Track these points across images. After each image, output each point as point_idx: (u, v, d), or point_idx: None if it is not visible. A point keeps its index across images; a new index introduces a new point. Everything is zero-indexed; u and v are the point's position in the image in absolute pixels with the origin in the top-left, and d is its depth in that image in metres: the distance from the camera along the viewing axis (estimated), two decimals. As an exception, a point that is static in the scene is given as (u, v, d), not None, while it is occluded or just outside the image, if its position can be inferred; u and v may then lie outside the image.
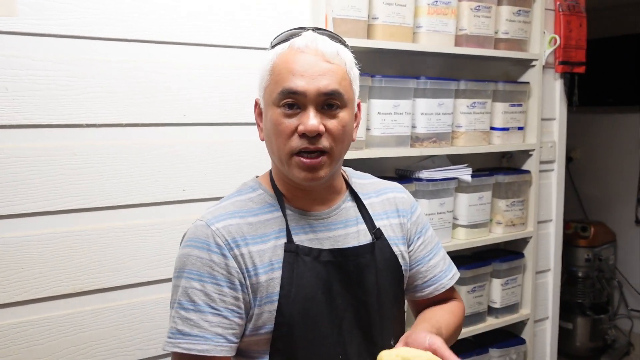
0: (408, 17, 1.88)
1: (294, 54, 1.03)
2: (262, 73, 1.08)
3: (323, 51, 1.03)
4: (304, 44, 1.03)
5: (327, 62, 1.03)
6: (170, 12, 1.52)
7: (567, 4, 2.36)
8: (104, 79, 1.45)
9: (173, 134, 1.56)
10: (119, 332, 1.51)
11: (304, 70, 1.01)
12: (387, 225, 1.19)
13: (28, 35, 1.35)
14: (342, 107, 1.04)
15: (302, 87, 1.00)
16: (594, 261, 3.59)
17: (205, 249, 1.02)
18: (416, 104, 1.95)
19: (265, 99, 1.07)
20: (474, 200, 2.12)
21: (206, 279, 1.01)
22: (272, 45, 1.09)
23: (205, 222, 1.05)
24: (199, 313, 1.00)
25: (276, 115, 1.03)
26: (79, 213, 1.45)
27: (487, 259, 2.21)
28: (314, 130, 1.00)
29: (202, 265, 1.01)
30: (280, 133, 1.03)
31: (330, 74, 1.02)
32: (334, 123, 1.03)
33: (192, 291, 1.01)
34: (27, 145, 1.37)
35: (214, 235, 1.03)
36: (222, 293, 1.01)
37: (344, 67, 1.06)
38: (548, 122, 2.45)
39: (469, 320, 2.16)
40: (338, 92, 1.02)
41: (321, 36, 1.06)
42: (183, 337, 0.99)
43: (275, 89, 1.03)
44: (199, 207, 1.58)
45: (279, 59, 1.04)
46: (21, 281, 1.38)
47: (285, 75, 1.02)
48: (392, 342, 1.14)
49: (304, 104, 1.01)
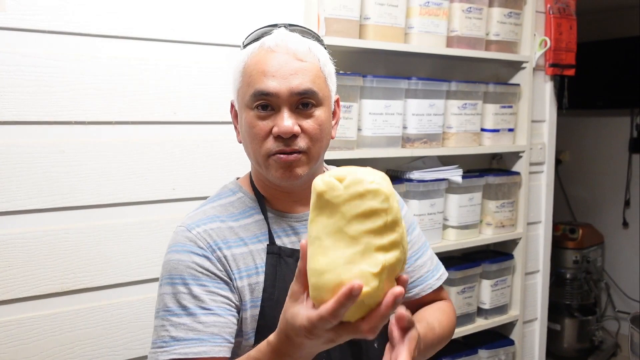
0: (400, 17, 1.88)
1: (265, 53, 1.00)
2: (234, 75, 1.05)
3: (294, 49, 1.00)
4: (275, 43, 1.00)
5: (299, 60, 1.00)
6: (161, 9, 1.51)
7: (557, 6, 2.38)
8: (93, 76, 1.43)
9: (163, 132, 1.54)
10: (106, 332, 1.50)
11: (275, 71, 0.98)
12: None
13: (16, 30, 1.34)
14: (318, 106, 1.02)
15: (273, 88, 0.98)
16: (582, 263, 3.62)
17: (187, 252, 1.00)
18: (407, 104, 1.95)
19: (238, 101, 1.05)
20: (464, 201, 2.12)
21: (191, 282, 0.98)
22: (243, 44, 1.06)
23: (186, 227, 1.03)
24: (191, 317, 0.96)
25: (250, 117, 1.01)
26: (67, 211, 1.43)
27: (477, 260, 2.22)
28: (289, 131, 0.97)
29: (185, 268, 0.99)
30: (255, 136, 1.01)
31: (303, 72, 0.99)
32: (310, 122, 1.00)
33: (180, 296, 0.97)
34: (14, 141, 1.35)
35: (195, 239, 1.01)
36: (210, 292, 0.98)
37: (317, 64, 1.03)
38: (538, 124, 2.46)
39: (459, 321, 2.16)
40: (312, 90, 0.99)
41: (292, 33, 1.03)
42: (177, 342, 0.95)
43: (248, 91, 1.00)
44: (188, 206, 1.56)
45: (250, 59, 1.02)
46: (8, 280, 1.36)
47: (257, 76, 0.99)
48: (375, 344, 1.13)
49: (277, 105, 0.99)
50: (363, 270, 0.70)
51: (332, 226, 0.72)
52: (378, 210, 0.71)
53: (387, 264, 0.70)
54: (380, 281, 0.70)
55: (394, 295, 0.69)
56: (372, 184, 0.71)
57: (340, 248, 0.71)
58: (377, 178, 0.73)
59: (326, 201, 0.72)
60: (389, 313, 0.70)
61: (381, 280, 0.70)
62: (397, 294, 0.70)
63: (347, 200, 0.71)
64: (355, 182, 0.72)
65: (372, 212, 0.71)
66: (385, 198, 0.71)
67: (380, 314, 0.70)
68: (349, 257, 0.70)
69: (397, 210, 0.73)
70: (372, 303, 0.71)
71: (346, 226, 0.71)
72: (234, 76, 1.05)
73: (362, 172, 0.73)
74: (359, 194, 0.71)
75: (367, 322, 0.71)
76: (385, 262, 0.70)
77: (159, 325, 0.99)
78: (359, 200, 0.71)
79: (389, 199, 0.71)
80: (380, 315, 0.70)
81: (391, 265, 0.71)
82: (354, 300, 0.67)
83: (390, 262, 0.71)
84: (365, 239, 0.71)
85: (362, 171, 0.73)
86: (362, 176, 0.72)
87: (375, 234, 0.71)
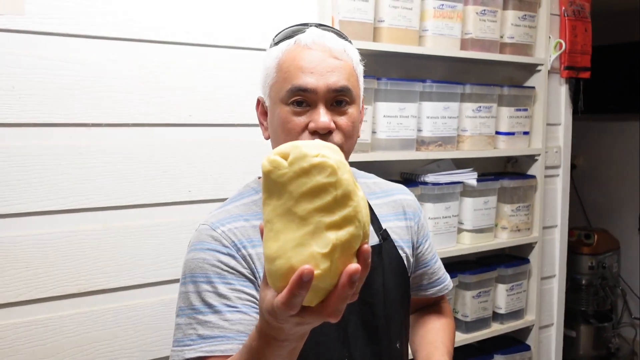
0: (414, 20, 1.88)
1: (301, 50, 1.01)
2: (266, 70, 1.06)
3: (330, 47, 1.02)
4: (311, 40, 1.02)
5: (335, 58, 1.01)
6: (178, 12, 1.52)
7: (572, 9, 2.37)
8: (111, 79, 1.44)
9: (179, 134, 1.55)
10: (122, 333, 1.50)
11: (313, 67, 0.99)
12: (393, 227, 1.18)
13: (35, 34, 1.35)
14: (351, 104, 1.03)
15: (312, 84, 0.99)
16: (598, 269, 3.58)
17: (212, 251, 1.00)
18: (422, 107, 1.94)
19: (271, 97, 1.05)
20: (479, 204, 2.11)
21: (216, 280, 0.98)
22: (274, 42, 1.07)
23: (209, 226, 1.03)
24: (217, 314, 0.96)
25: (284, 112, 1.01)
26: (84, 213, 1.44)
27: (492, 264, 2.20)
28: (326, 127, 0.99)
29: (210, 267, 0.98)
30: (289, 131, 1.01)
31: (339, 70, 1.01)
32: (344, 119, 1.02)
33: (205, 294, 0.97)
34: (33, 144, 1.36)
35: (220, 238, 1.01)
36: (235, 290, 0.97)
37: (351, 63, 1.05)
38: (553, 127, 2.44)
39: (474, 326, 2.14)
40: (347, 88, 1.01)
41: (327, 32, 1.05)
42: (204, 340, 0.95)
43: (284, 86, 1.01)
44: (204, 208, 1.58)
45: (284, 55, 1.03)
46: (25, 280, 1.37)
47: (294, 72, 1.00)
48: (397, 345, 1.13)
49: (314, 101, 1.00)
50: (313, 251, 0.64)
51: (281, 207, 0.68)
52: (325, 185, 0.65)
53: (338, 242, 0.64)
54: (331, 262, 0.64)
55: (348, 274, 0.64)
56: (316, 158, 0.66)
57: (291, 230, 0.66)
58: (322, 150, 0.67)
59: (273, 181, 0.68)
60: (347, 293, 0.65)
61: (333, 260, 0.64)
62: (352, 272, 0.64)
63: (293, 179, 0.66)
64: (299, 158, 0.66)
65: (319, 188, 0.65)
66: (333, 171, 0.66)
67: (338, 296, 0.65)
68: (299, 238, 0.66)
69: (348, 182, 0.66)
70: (329, 285, 0.66)
71: (295, 206, 0.67)
72: (266, 72, 1.06)
73: (307, 146, 0.68)
74: (303, 170, 0.66)
75: (327, 306, 0.66)
76: (336, 240, 0.64)
77: (184, 323, 0.98)
78: (304, 177, 0.66)
79: (336, 172, 0.66)
80: (339, 297, 0.65)
81: (344, 242, 0.65)
82: (307, 287, 0.62)
83: (342, 239, 0.65)
84: (315, 217, 0.65)
85: (306, 145, 0.68)
86: (306, 150, 0.67)
87: (324, 212, 0.65)
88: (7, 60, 1.32)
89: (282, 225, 0.67)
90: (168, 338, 1.56)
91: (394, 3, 1.82)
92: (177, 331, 0.99)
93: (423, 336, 1.26)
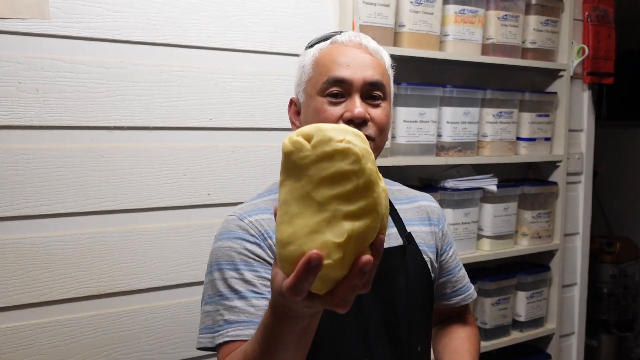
0: (435, 25, 1.87)
1: (338, 47, 1.06)
2: (302, 69, 1.09)
3: (367, 45, 1.06)
4: (348, 39, 1.07)
5: (371, 55, 1.06)
6: (199, 17, 1.53)
7: (595, 14, 2.34)
8: (132, 82, 1.46)
9: (199, 137, 1.56)
10: (141, 335, 1.51)
11: (350, 61, 1.03)
12: (418, 231, 1.18)
13: (59, 37, 1.37)
14: (384, 99, 1.06)
15: (348, 75, 1.02)
16: (620, 277, 3.52)
17: (239, 239, 1.01)
18: (442, 112, 1.93)
19: (307, 91, 1.08)
20: (499, 211, 2.08)
21: (242, 267, 0.99)
22: (309, 45, 1.11)
23: (237, 216, 1.05)
24: (243, 300, 0.97)
25: (320, 103, 1.04)
26: (105, 215, 1.45)
27: (512, 271, 2.17)
28: (361, 116, 1.01)
29: (237, 255, 1.00)
30: (324, 120, 1.02)
31: (374, 66, 1.05)
32: (378, 112, 1.05)
33: (231, 281, 0.99)
34: (56, 146, 1.38)
35: (247, 227, 1.03)
36: (261, 277, 0.99)
37: (384, 64, 1.09)
38: (575, 134, 2.41)
39: (493, 334, 2.11)
40: (382, 83, 1.05)
41: (363, 34, 1.09)
42: (230, 325, 0.97)
43: (320, 79, 1.04)
44: (223, 211, 1.58)
45: (321, 53, 1.07)
46: (46, 281, 1.39)
47: (331, 65, 1.04)
48: (418, 348, 1.12)
49: (349, 93, 1.03)
50: (327, 240, 0.62)
51: (299, 190, 0.65)
52: (347, 172, 0.62)
53: (354, 233, 0.62)
54: (344, 252, 0.62)
55: (359, 265, 0.62)
56: (340, 143, 0.63)
57: (307, 215, 0.64)
58: (347, 136, 0.64)
59: (293, 163, 0.65)
60: (357, 284, 0.63)
61: (346, 251, 0.62)
62: (364, 263, 0.62)
63: (315, 162, 0.63)
64: (323, 142, 0.63)
65: (341, 175, 0.63)
66: (357, 159, 0.62)
67: (347, 286, 0.63)
68: (314, 225, 0.63)
69: (371, 171, 0.64)
70: (339, 276, 0.63)
71: (313, 191, 0.64)
72: (302, 70, 1.10)
73: (332, 129, 0.65)
74: (326, 155, 0.63)
75: (335, 297, 0.64)
76: (352, 230, 0.62)
77: (212, 310, 1.00)
78: (326, 162, 0.63)
79: (360, 160, 0.63)
80: (348, 288, 0.63)
81: (360, 233, 0.62)
82: (314, 273, 0.61)
83: (359, 230, 0.62)
84: (333, 205, 0.63)
85: (331, 129, 0.65)
86: (330, 134, 0.64)
87: (344, 200, 0.62)
88: (32, 64, 1.34)
89: (298, 209, 0.65)
90: (187, 340, 1.57)
91: (415, 8, 1.81)
92: (205, 318, 1.01)
93: (447, 344, 1.25)
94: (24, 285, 1.36)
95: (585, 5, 2.33)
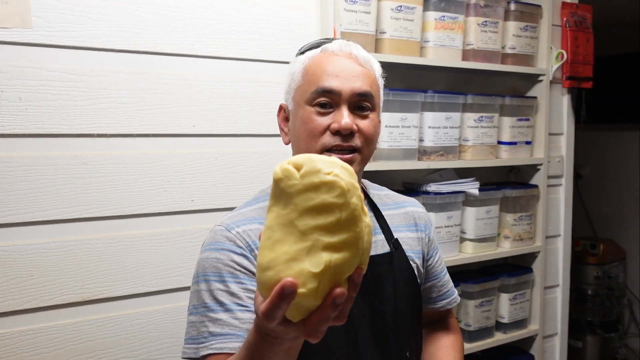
0: (415, 31, 1.90)
1: (328, 56, 1.06)
2: (292, 76, 1.10)
3: (356, 55, 1.06)
4: (338, 48, 1.07)
5: (360, 65, 1.06)
6: (181, 25, 1.55)
7: (574, 19, 2.38)
8: (115, 90, 1.47)
9: (182, 144, 1.57)
10: (125, 342, 1.51)
11: (339, 71, 1.04)
12: (405, 238, 1.20)
13: (42, 46, 1.38)
14: (372, 110, 1.07)
15: (337, 86, 1.03)
16: (604, 279, 3.57)
17: (226, 251, 1.01)
18: (424, 117, 1.96)
19: (295, 100, 1.09)
20: (482, 214, 2.11)
21: (229, 279, 0.99)
22: (300, 51, 1.12)
23: (225, 227, 1.05)
24: (228, 312, 0.97)
25: (307, 113, 1.05)
26: (88, 222, 1.46)
27: (495, 274, 2.20)
28: (349, 127, 1.02)
29: (223, 266, 1.00)
30: (312, 130, 1.04)
31: (363, 76, 1.05)
32: (366, 123, 1.05)
33: (217, 292, 0.99)
34: (39, 154, 1.39)
35: (235, 239, 1.03)
36: (247, 289, 0.99)
37: (374, 73, 1.09)
38: (556, 137, 2.45)
39: (477, 336, 2.14)
40: (370, 94, 1.05)
41: (353, 43, 1.10)
42: (214, 337, 0.97)
43: (309, 88, 1.05)
44: (207, 217, 1.60)
45: (311, 61, 1.07)
46: (30, 289, 1.39)
47: (320, 75, 1.04)
48: (407, 353, 1.13)
49: (337, 103, 1.04)
50: (304, 269, 0.63)
51: (284, 217, 0.66)
52: (331, 205, 0.63)
53: (331, 264, 0.63)
54: (320, 283, 0.63)
55: (332, 297, 0.63)
56: (328, 176, 0.64)
57: (288, 243, 0.65)
58: (335, 169, 0.65)
59: (281, 190, 0.67)
60: (329, 315, 0.63)
61: (322, 282, 0.63)
62: (337, 295, 0.62)
63: (301, 191, 0.65)
64: (311, 172, 0.65)
65: (325, 207, 0.64)
66: (342, 192, 0.64)
67: (319, 317, 0.64)
68: (294, 253, 0.64)
69: (355, 206, 0.65)
70: (312, 305, 0.64)
71: (297, 219, 0.65)
72: (292, 77, 1.10)
73: (322, 161, 0.66)
74: (313, 186, 0.64)
75: (307, 326, 0.65)
76: (330, 262, 0.62)
77: (197, 321, 1.00)
78: (313, 192, 0.64)
79: (345, 194, 0.64)
80: (320, 318, 0.64)
81: (337, 265, 0.63)
82: (288, 301, 0.61)
83: (337, 262, 0.63)
84: (314, 235, 0.64)
85: (321, 160, 0.66)
86: (319, 166, 0.65)
87: (325, 231, 0.63)
88: (14, 72, 1.35)
89: (281, 235, 0.66)
90: (172, 346, 1.57)
91: (395, 15, 1.84)
92: (190, 328, 1.02)
93: (433, 353, 1.27)
94: (8, 293, 1.36)
95: (564, 11, 2.37)
